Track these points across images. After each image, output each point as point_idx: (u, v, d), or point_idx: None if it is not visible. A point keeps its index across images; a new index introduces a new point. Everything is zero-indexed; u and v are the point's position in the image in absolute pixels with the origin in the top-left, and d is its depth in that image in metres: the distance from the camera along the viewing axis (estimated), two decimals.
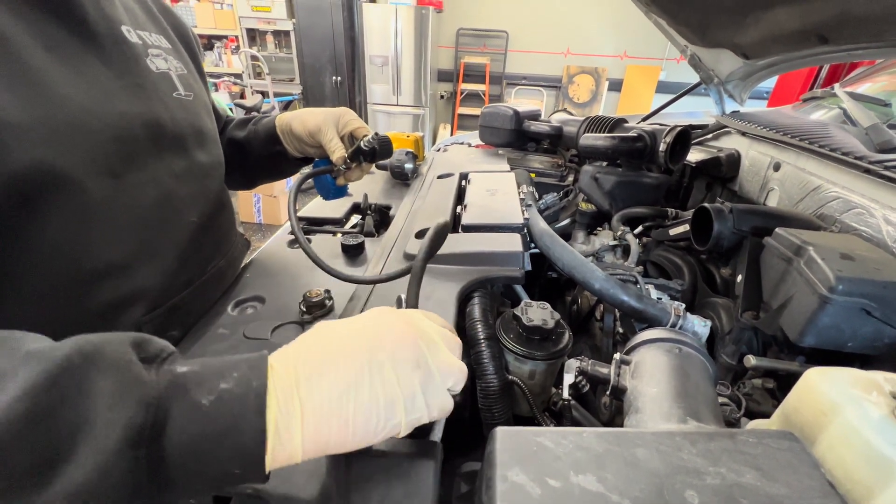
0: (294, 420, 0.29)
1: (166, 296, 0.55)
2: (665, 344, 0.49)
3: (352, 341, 0.33)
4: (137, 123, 0.50)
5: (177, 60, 0.62)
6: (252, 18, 5.61)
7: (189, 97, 0.61)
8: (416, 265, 0.44)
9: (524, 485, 0.31)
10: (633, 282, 0.78)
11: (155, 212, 0.52)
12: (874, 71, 1.26)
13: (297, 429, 0.29)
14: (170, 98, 0.57)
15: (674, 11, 1.09)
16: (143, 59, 0.54)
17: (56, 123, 0.41)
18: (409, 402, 0.33)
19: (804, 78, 2.65)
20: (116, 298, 0.48)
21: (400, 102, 5.56)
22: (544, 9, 5.51)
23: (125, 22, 0.54)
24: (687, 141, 1.08)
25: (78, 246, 0.44)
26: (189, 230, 0.58)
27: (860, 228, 0.73)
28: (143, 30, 0.57)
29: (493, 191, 0.94)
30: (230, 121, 0.87)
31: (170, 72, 0.59)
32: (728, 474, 0.31)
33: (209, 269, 0.63)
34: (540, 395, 0.61)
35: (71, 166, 0.42)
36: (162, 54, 0.59)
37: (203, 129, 0.64)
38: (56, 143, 0.41)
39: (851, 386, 0.36)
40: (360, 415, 0.31)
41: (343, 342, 0.33)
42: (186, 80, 0.62)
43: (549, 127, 1.44)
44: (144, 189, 0.51)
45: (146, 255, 0.51)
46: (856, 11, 0.74)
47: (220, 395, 0.28)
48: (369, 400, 0.31)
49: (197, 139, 0.62)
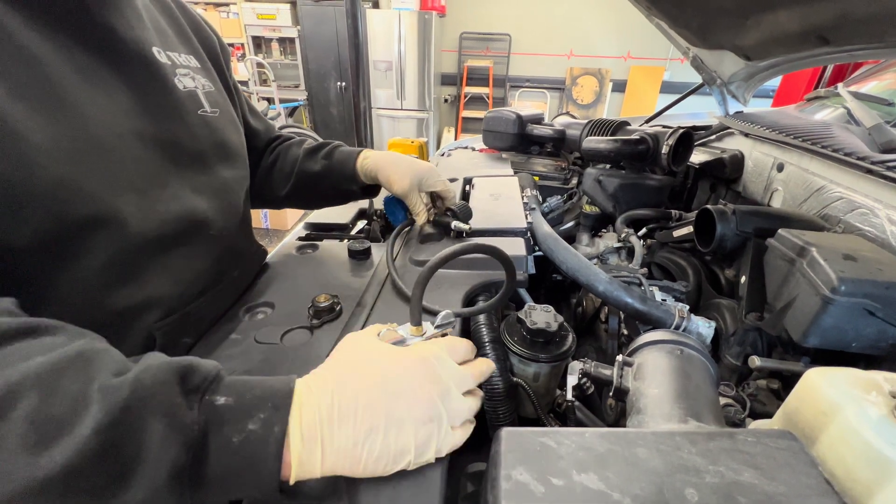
0: (315, 456, 0.35)
1: (180, 304, 0.56)
2: (667, 346, 0.49)
3: (375, 392, 0.37)
4: (155, 143, 0.52)
5: (205, 78, 0.64)
6: (258, 26, 5.69)
7: (215, 113, 0.64)
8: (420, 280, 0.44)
9: (528, 484, 0.32)
10: (638, 284, 0.78)
11: (174, 225, 0.54)
12: (879, 69, 1.26)
13: (317, 463, 0.35)
14: (193, 116, 0.59)
15: (674, 14, 1.10)
16: (170, 79, 0.57)
17: (80, 144, 0.43)
18: (419, 450, 0.37)
19: (809, 77, 2.64)
20: (130, 306, 0.50)
21: (404, 107, 5.59)
22: (547, 11, 5.52)
23: (156, 44, 0.56)
24: (690, 143, 1.09)
25: (106, 260, 0.46)
26: (207, 243, 0.59)
27: (864, 229, 0.73)
28: (173, 51, 0.60)
29: (497, 195, 0.96)
30: (281, 138, 0.86)
31: (196, 90, 0.61)
32: (727, 473, 0.31)
33: (224, 278, 0.64)
34: (544, 396, 0.62)
35: (94, 184, 0.44)
36: (190, 73, 0.61)
37: (227, 143, 0.66)
38: (79, 162, 0.43)
39: (851, 386, 0.37)
40: (372, 458, 0.36)
41: (368, 392, 0.37)
42: (213, 97, 0.64)
43: (552, 130, 1.45)
44: (166, 205, 0.53)
45: (162, 266, 0.53)
46: (856, 12, 0.74)
47: (247, 435, 0.33)
48: (382, 447, 0.36)
49: (219, 155, 0.64)
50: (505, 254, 0.47)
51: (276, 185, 0.83)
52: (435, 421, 0.37)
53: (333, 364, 0.40)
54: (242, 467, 0.33)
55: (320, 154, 0.82)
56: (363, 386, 0.37)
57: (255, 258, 0.75)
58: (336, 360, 0.41)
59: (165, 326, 0.53)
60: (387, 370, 0.38)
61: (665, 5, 1.07)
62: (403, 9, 5.16)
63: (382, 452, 0.36)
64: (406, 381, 0.38)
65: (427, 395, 0.38)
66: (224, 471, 0.33)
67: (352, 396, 0.36)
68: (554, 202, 1.26)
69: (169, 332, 0.54)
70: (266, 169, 0.84)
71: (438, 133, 6.17)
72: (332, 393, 0.36)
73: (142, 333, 0.51)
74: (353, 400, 0.36)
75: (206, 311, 0.61)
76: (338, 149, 0.82)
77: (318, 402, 0.36)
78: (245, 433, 0.33)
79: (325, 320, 0.59)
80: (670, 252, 1.00)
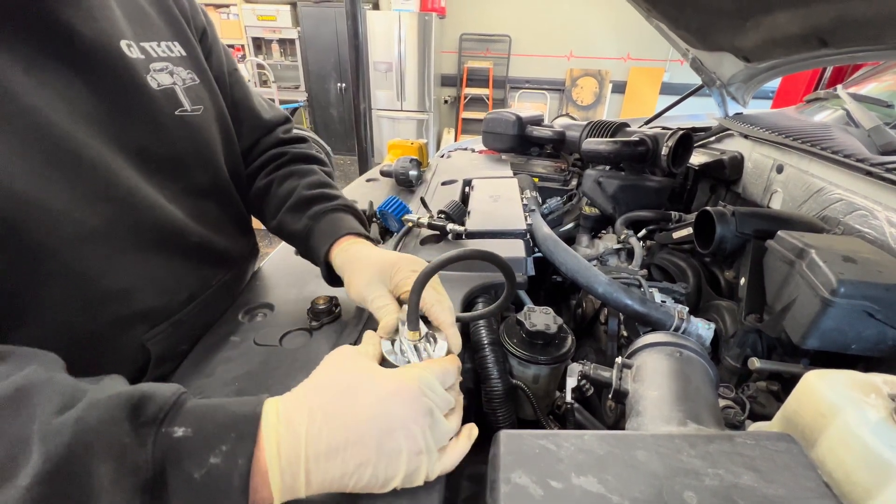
0: (298, 486, 0.34)
1: (167, 313, 0.54)
2: (666, 348, 0.49)
3: (366, 427, 0.35)
4: (124, 150, 0.49)
5: (187, 70, 0.58)
6: (258, 27, 5.71)
7: (196, 111, 0.58)
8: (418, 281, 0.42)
9: (527, 486, 0.32)
10: (637, 285, 0.78)
11: (151, 235, 0.51)
12: (878, 71, 1.26)
13: (301, 491, 0.34)
14: (168, 118, 0.54)
15: (674, 16, 1.10)
16: (140, 77, 0.51)
17: (38, 155, 0.40)
18: (409, 478, 0.36)
19: (808, 79, 2.65)
20: (118, 320, 0.49)
21: (404, 108, 5.60)
22: (547, 13, 5.53)
23: (126, 36, 0.50)
24: (689, 144, 1.09)
25: (80, 272, 0.44)
26: (187, 250, 0.57)
27: (864, 230, 0.73)
28: (150, 41, 0.54)
29: (497, 197, 0.96)
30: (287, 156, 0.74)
31: (175, 86, 0.55)
32: (726, 476, 0.31)
33: (213, 283, 0.62)
34: (544, 398, 0.62)
35: (55, 199, 0.41)
36: (168, 66, 0.55)
37: (209, 145, 0.61)
38: (39, 176, 0.40)
39: (850, 388, 0.37)
40: (360, 486, 0.35)
41: (358, 427, 0.35)
42: (195, 91, 0.58)
43: (551, 132, 1.45)
44: (139, 214, 0.50)
45: (144, 277, 0.51)
46: (854, 15, 0.74)
47: (209, 470, 0.31)
48: (371, 478, 0.35)
49: (198, 158, 0.59)
50: (504, 261, 0.46)
51: (267, 213, 0.73)
52: (425, 452, 0.36)
53: (318, 388, 0.38)
54: (208, 501, 0.31)
55: (307, 213, 0.66)
56: (354, 420, 0.35)
57: (244, 259, 0.71)
58: (321, 384, 0.38)
59: (156, 336, 0.52)
60: (379, 402, 0.36)
61: (664, 7, 1.07)
62: (403, 10, 5.18)
63: (371, 482, 0.35)
64: (399, 415, 0.36)
65: (420, 428, 0.36)
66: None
67: (341, 430, 0.35)
68: (553, 203, 1.26)
69: (161, 341, 0.53)
70: (259, 191, 0.73)
71: (438, 134, 6.17)
72: (320, 425, 0.35)
73: (133, 345, 0.50)
74: (344, 434, 0.35)
75: (199, 318, 0.59)
76: (328, 215, 0.66)
77: (300, 431, 0.34)
78: (206, 467, 0.31)
79: (323, 322, 0.59)
80: (670, 253, 1.00)
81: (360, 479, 0.35)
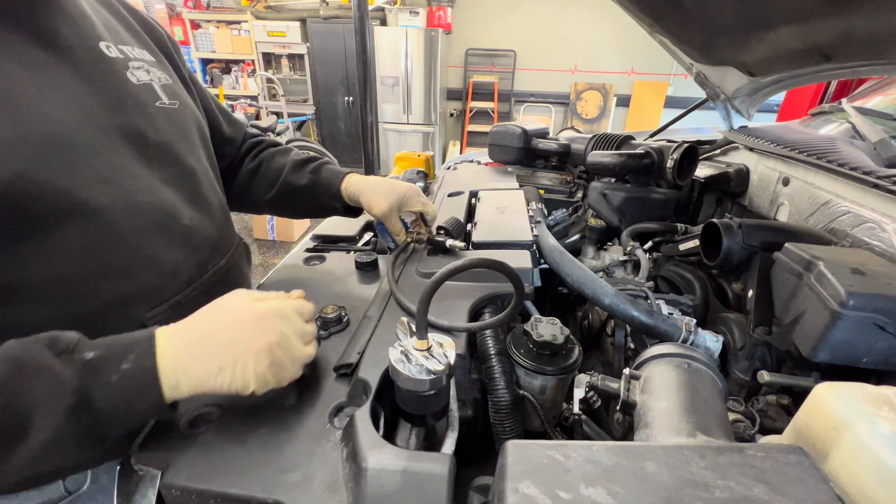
0: (181, 384, 0.43)
1: (166, 294, 0.58)
2: (674, 359, 0.49)
3: (228, 340, 0.46)
4: (118, 135, 0.54)
5: (160, 71, 0.65)
6: (268, 43, 5.83)
7: (174, 105, 0.64)
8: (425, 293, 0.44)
9: (535, 497, 0.31)
10: (644, 297, 0.78)
11: (149, 216, 0.55)
12: (884, 85, 1.27)
13: (183, 388, 0.44)
14: (152, 108, 0.60)
15: (678, 32, 1.12)
16: (122, 73, 0.57)
17: (35, 139, 0.45)
18: (260, 384, 0.46)
19: (813, 92, 2.65)
20: (117, 297, 0.52)
21: (410, 121, 5.67)
22: (551, 28, 5.62)
23: (104, 38, 0.57)
24: (694, 157, 1.09)
25: (82, 248, 0.49)
26: (182, 233, 0.60)
27: (872, 243, 0.72)
28: (125, 44, 0.60)
29: (503, 208, 0.96)
30: (263, 144, 0.89)
31: (152, 83, 0.62)
32: (737, 488, 0.31)
33: (209, 268, 0.65)
34: (551, 409, 0.61)
35: (58, 177, 0.46)
36: (144, 66, 0.62)
37: (190, 134, 0.66)
38: (37, 158, 0.45)
39: (861, 401, 0.36)
40: (222, 387, 0.45)
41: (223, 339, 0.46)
42: (171, 89, 0.65)
43: (557, 144, 1.46)
44: (138, 195, 0.54)
45: (143, 256, 0.55)
46: (857, 31, 0.75)
47: (123, 374, 0.41)
48: (231, 380, 0.45)
49: (185, 145, 0.65)
50: (512, 270, 0.47)
51: (259, 190, 0.85)
52: (275, 365, 0.46)
53: (197, 317, 0.48)
54: (130, 398, 0.41)
55: (307, 168, 0.83)
56: (216, 337, 0.45)
57: (236, 249, 0.75)
58: (200, 314, 0.48)
59: (157, 317, 0.56)
60: (238, 324, 0.47)
61: (668, 23, 1.09)
62: (410, 26, 5.28)
63: (232, 383, 0.45)
64: (249, 332, 0.46)
65: (268, 348, 0.46)
66: (113, 405, 0.40)
67: (211, 342, 0.45)
68: (559, 215, 1.26)
69: (162, 322, 0.54)
70: (248, 173, 0.85)
71: (444, 146, 6.23)
72: (189, 341, 0.45)
73: (134, 325, 0.53)
74: (212, 345, 0.45)
75: (198, 303, 0.60)
76: (325, 166, 0.84)
77: (177, 347, 0.44)
78: (121, 372, 0.41)
79: (332, 331, 0.60)
80: (676, 265, 1.00)
81: (221, 382, 0.44)
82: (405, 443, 0.46)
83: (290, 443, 0.45)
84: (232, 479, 0.41)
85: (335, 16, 5.59)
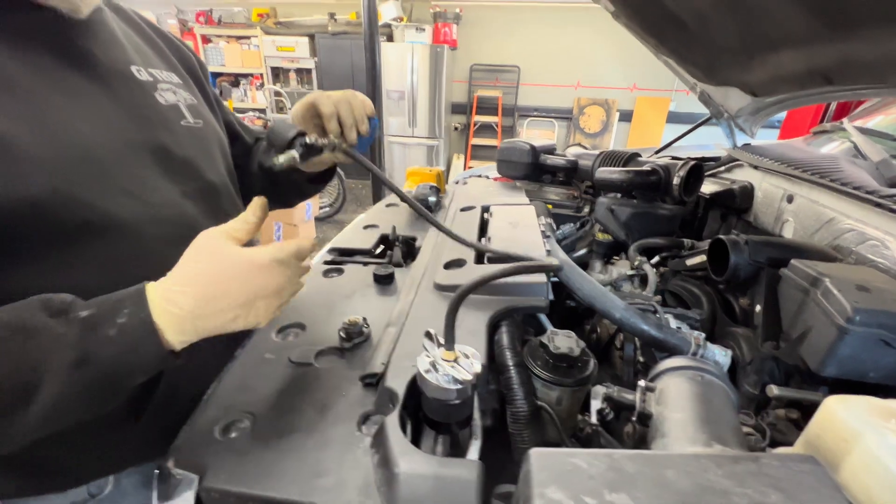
0: (187, 335, 0.46)
1: None
2: (688, 372, 0.51)
3: (238, 294, 0.47)
4: (143, 150, 0.57)
5: (186, 92, 0.69)
6: (277, 57, 5.97)
7: (198, 124, 0.68)
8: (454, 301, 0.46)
9: (561, 501, 0.33)
10: (653, 311, 0.80)
11: (170, 229, 0.58)
12: (885, 104, 1.30)
13: (191, 339, 0.46)
14: (178, 126, 0.64)
15: (682, 53, 1.15)
16: (151, 94, 0.62)
17: (70, 157, 0.48)
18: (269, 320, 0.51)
19: (815, 110, 2.69)
20: None
21: (415, 134, 5.76)
22: (555, 44, 5.72)
23: (135, 62, 0.61)
24: (700, 174, 1.12)
25: (106, 262, 0.51)
26: None
27: (876, 260, 0.74)
28: (154, 68, 0.65)
29: (515, 223, 0.99)
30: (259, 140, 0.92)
31: (179, 103, 0.66)
32: (754, 495, 0.33)
33: None
34: (567, 421, 0.63)
35: (86, 191, 0.49)
36: (171, 88, 0.66)
37: (212, 152, 0.70)
38: (71, 174, 0.48)
39: (870, 413, 0.38)
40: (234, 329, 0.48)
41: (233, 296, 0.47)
42: (196, 109, 0.69)
43: (564, 160, 1.49)
44: (160, 209, 0.57)
45: (164, 268, 0.56)
46: (857, 56, 0.78)
47: (119, 327, 0.42)
48: (244, 324, 0.48)
49: (207, 162, 0.68)
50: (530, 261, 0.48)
51: (254, 184, 0.86)
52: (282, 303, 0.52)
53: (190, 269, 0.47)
54: (129, 349, 0.42)
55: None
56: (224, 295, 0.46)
57: None
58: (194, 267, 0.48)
59: None
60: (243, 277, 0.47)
61: (673, 44, 1.13)
62: (417, 42, 5.39)
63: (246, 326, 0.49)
64: (257, 284, 0.48)
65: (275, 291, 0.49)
66: (114, 358, 0.42)
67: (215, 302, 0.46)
68: (567, 230, 1.29)
69: None
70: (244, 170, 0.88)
71: (448, 159, 6.30)
72: (196, 302, 0.45)
73: None
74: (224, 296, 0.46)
75: None
76: None
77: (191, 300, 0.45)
78: (117, 326, 0.42)
79: (355, 342, 0.62)
80: (684, 280, 1.02)
81: (234, 327, 0.48)
82: (430, 450, 0.48)
83: (321, 449, 0.46)
84: (268, 483, 0.43)
85: (343, 31, 5.72)
